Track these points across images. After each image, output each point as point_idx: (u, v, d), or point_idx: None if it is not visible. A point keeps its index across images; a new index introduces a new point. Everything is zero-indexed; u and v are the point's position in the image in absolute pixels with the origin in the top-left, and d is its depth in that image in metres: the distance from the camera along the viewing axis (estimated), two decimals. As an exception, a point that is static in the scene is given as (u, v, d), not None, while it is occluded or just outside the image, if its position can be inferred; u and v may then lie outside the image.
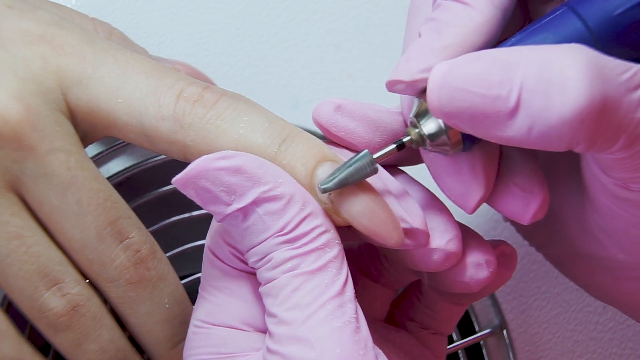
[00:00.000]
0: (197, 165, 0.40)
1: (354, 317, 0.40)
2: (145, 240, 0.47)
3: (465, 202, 0.43)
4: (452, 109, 0.38)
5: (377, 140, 0.45)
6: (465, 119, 0.38)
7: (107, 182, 0.46)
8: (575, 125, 0.37)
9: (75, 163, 0.45)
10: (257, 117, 0.43)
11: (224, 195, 0.40)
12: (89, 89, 0.45)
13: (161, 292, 0.47)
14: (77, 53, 0.46)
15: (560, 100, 0.37)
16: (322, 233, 0.41)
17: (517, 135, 0.38)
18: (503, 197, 0.43)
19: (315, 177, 0.42)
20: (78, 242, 0.46)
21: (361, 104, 0.44)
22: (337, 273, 0.40)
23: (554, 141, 0.37)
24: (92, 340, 0.47)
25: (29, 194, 0.45)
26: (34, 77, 0.45)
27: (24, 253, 0.45)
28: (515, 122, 0.37)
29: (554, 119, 0.37)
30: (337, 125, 0.44)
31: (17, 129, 0.44)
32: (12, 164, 0.44)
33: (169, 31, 0.61)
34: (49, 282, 0.45)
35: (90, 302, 0.46)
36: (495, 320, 0.61)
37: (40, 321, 0.46)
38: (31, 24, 0.46)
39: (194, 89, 0.44)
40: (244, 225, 0.41)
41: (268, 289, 0.41)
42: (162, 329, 0.48)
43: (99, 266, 0.46)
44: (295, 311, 0.39)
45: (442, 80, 0.38)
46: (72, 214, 0.45)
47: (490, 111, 0.38)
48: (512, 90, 0.37)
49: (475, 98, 0.38)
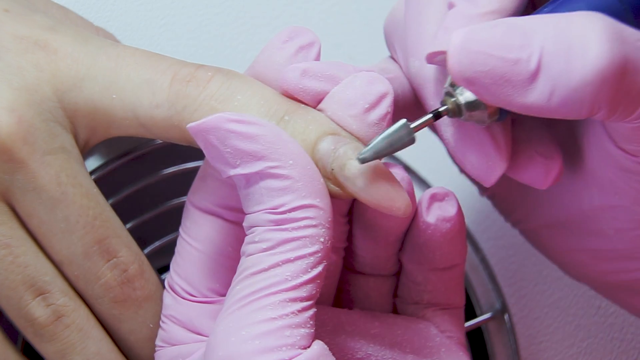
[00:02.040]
0: (211, 120, 0.41)
1: (296, 312, 0.40)
2: (133, 260, 0.47)
3: (487, 175, 0.43)
4: (472, 73, 0.38)
5: None
6: (486, 85, 0.38)
7: (99, 199, 0.46)
8: (597, 87, 0.37)
9: (66, 178, 0.45)
10: (252, 94, 0.43)
11: (229, 157, 0.41)
12: (84, 90, 0.45)
13: (146, 313, 0.47)
14: (70, 56, 0.45)
15: (581, 62, 0.37)
16: (310, 226, 0.41)
17: (539, 101, 0.38)
18: (524, 165, 0.44)
19: (316, 152, 0.42)
20: (65, 257, 0.46)
21: (326, 65, 0.44)
22: (305, 271, 0.40)
23: (576, 106, 0.37)
24: (77, 352, 0.46)
25: (19, 205, 0.45)
26: (28, 87, 0.44)
27: (10, 262, 0.45)
28: (536, 86, 0.38)
29: (575, 81, 0.37)
30: (305, 90, 0.44)
31: (8, 142, 0.44)
32: (2, 175, 0.44)
33: (170, 14, 0.61)
34: (34, 292, 0.45)
35: (76, 313, 0.46)
36: (497, 304, 0.61)
37: (26, 330, 0.46)
38: (26, 29, 0.46)
39: (187, 70, 0.44)
40: (244, 190, 0.42)
41: (240, 263, 0.41)
42: (145, 347, 0.48)
43: (85, 283, 0.46)
44: (244, 290, 0.40)
45: (462, 44, 0.38)
46: (59, 230, 0.45)
47: (511, 75, 0.38)
48: (532, 54, 0.37)
49: (495, 62, 0.38)
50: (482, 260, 0.61)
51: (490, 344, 0.60)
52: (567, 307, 0.62)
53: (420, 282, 0.48)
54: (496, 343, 0.60)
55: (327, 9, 0.63)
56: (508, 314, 0.61)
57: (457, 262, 0.48)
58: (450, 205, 0.46)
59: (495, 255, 0.62)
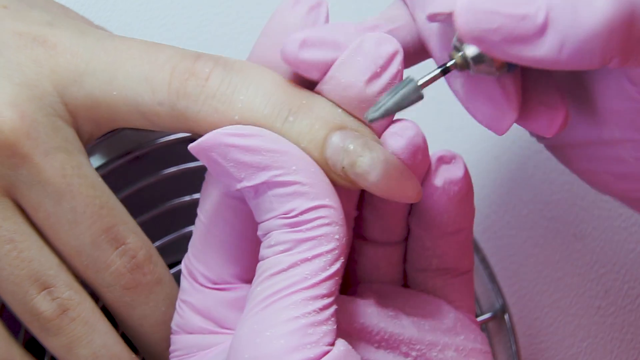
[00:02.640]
0: (209, 137, 0.41)
1: (317, 310, 0.40)
2: (141, 246, 0.47)
3: (498, 124, 0.43)
4: (480, 32, 0.38)
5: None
6: (495, 42, 0.38)
7: (104, 188, 0.46)
8: (606, 37, 0.37)
9: (71, 170, 0.45)
10: (255, 92, 0.43)
11: (234, 171, 0.41)
12: (84, 86, 0.45)
13: (157, 296, 0.47)
14: (69, 51, 0.45)
15: (587, 13, 0.37)
16: (324, 225, 0.41)
17: (550, 55, 0.38)
18: (530, 115, 0.44)
19: (326, 151, 0.42)
20: (73, 248, 0.46)
21: (326, 30, 0.44)
22: (324, 268, 0.41)
23: (587, 57, 0.38)
24: (83, 345, 0.46)
25: (24, 200, 0.45)
26: (28, 82, 0.44)
27: (15, 257, 0.45)
28: (545, 40, 0.38)
29: (583, 33, 0.37)
30: (308, 63, 0.43)
31: (11, 137, 0.44)
32: (6, 171, 0.44)
33: (170, 14, 0.61)
34: (39, 286, 0.45)
35: (82, 306, 0.46)
36: (497, 304, 0.61)
37: (32, 324, 0.46)
38: (25, 25, 0.46)
39: (185, 64, 0.44)
40: (254, 201, 0.42)
41: (259, 266, 0.42)
42: (157, 331, 0.48)
43: (95, 272, 0.46)
44: (265, 291, 0.41)
45: (468, 3, 0.38)
46: (66, 222, 0.45)
47: (520, 31, 0.38)
48: (539, 8, 0.38)
49: (502, 19, 0.38)
50: (482, 260, 0.61)
51: (490, 344, 0.60)
52: (567, 307, 0.62)
53: (429, 246, 0.48)
54: (496, 343, 0.60)
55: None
56: (508, 314, 0.61)
57: (465, 225, 0.48)
58: (457, 168, 0.46)
59: (495, 255, 0.62)
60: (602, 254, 0.63)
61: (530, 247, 0.56)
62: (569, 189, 0.63)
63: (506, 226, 0.55)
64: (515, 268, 0.62)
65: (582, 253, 0.63)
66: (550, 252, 0.62)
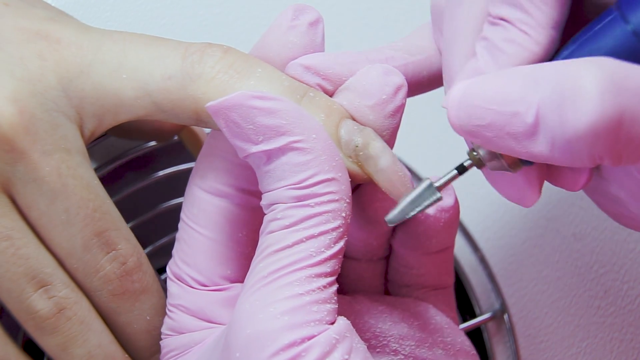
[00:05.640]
0: (232, 97, 0.41)
1: (321, 288, 0.40)
2: (132, 253, 0.47)
3: (523, 203, 0.44)
4: (471, 127, 0.39)
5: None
6: (488, 138, 0.39)
7: (100, 191, 0.46)
8: (591, 140, 0.36)
9: (67, 170, 0.45)
10: (273, 69, 0.43)
11: (252, 133, 0.41)
12: (92, 75, 0.45)
13: (142, 305, 0.47)
14: (74, 44, 0.45)
15: (573, 115, 0.36)
16: (333, 201, 0.41)
17: (543, 152, 0.38)
18: (556, 175, 0.44)
19: (341, 128, 0.43)
20: (64, 249, 0.45)
21: (328, 59, 0.44)
22: (328, 246, 0.41)
23: (576, 157, 0.37)
24: (78, 344, 0.46)
25: (19, 197, 0.45)
26: (31, 76, 0.44)
27: (12, 255, 0.45)
28: (537, 138, 0.38)
29: (569, 134, 0.37)
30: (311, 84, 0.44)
31: (10, 133, 0.43)
32: (4, 166, 0.44)
33: (170, 14, 0.61)
34: (36, 284, 0.45)
35: (78, 305, 0.46)
36: (496, 304, 0.61)
37: (27, 323, 0.46)
38: (27, 21, 0.46)
39: (199, 45, 0.44)
40: (265, 168, 0.42)
41: (261, 241, 0.41)
42: (141, 339, 0.48)
43: (84, 275, 0.46)
44: (269, 267, 0.40)
45: (460, 98, 0.39)
46: (59, 222, 0.45)
47: (511, 127, 0.38)
48: (530, 106, 0.37)
49: (493, 115, 0.38)
50: (482, 260, 0.61)
51: (490, 344, 0.60)
52: (567, 307, 0.62)
53: (413, 266, 0.48)
54: (496, 343, 0.61)
55: (327, 9, 0.63)
56: (508, 314, 0.61)
57: (449, 244, 0.48)
58: (448, 196, 0.47)
59: (495, 255, 0.62)
60: (602, 254, 0.63)
61: (530, 247, 0.56)
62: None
63: (506, 226, 0.55)
64: (515, 268, 0.62)
65: (581, 253, 0.63)
66: (550, 252, 0.62)
